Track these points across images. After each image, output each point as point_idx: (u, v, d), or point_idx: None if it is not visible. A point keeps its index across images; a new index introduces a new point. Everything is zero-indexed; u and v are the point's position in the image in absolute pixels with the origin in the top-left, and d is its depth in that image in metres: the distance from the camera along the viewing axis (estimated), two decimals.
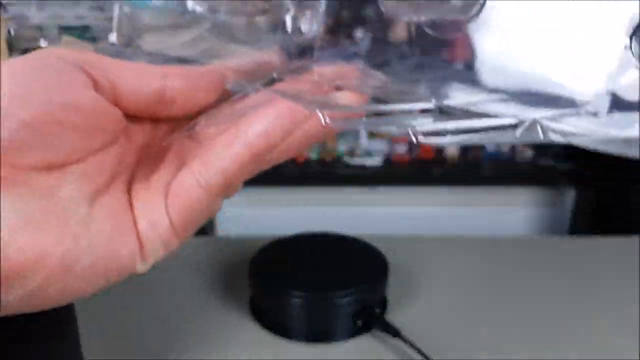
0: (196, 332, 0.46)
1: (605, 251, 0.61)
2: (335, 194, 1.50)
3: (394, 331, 0.44)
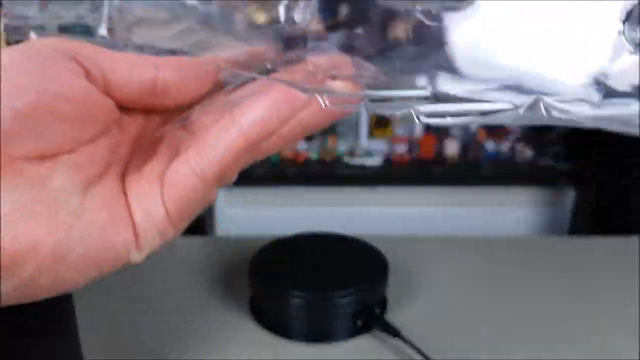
0: (196, 332, 0.46)
1: (605, 251, 0.61)
2: (335, 194, 1.50)
3: (393, 331, 0.44)
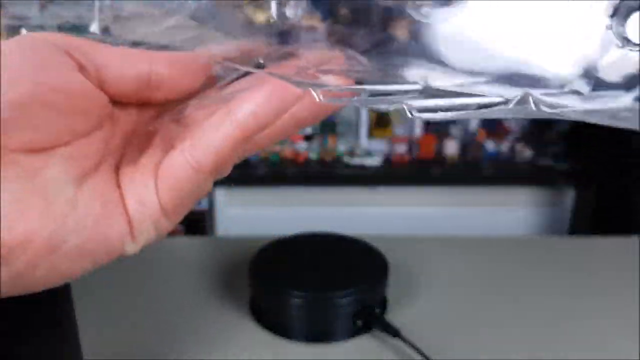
0: (196, 332, 0.46)
1: (605, 251, 0.61)
2: (335, 194, 1.51)
3: (393, 331, 0.44)
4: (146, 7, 0.21)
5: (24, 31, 0.22)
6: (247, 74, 0.20)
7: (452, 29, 0.16)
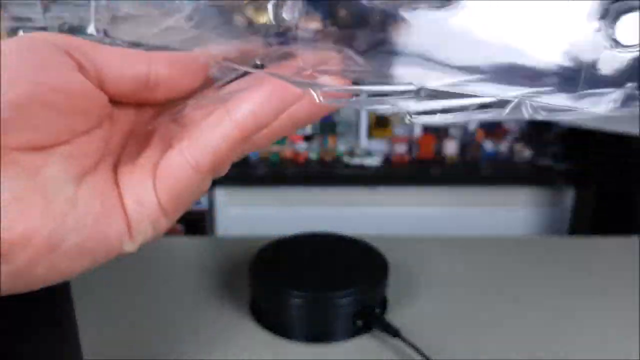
0: (196, 332, 0.46)
1: (604, 251, 0.61)
2: (335, 194, 1.51)
3: (393, 331, 0.44)
4: (143, 8, 0.21)
5: (21, 32, 0.22)
6: (244, 74, 0.20)
7: (447, 29, 0.16)
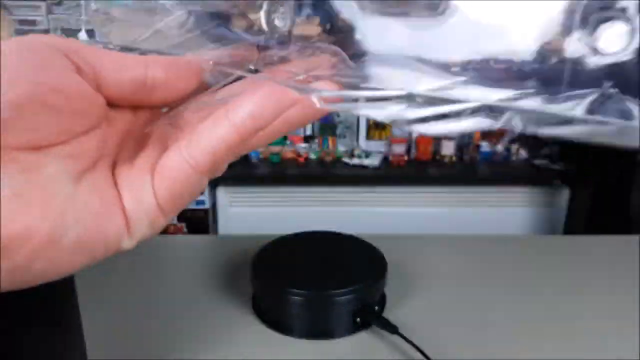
0: (199, 330, 0.47)
1: (600, 250, 0.61)
2: (334, 194, 1.51)
3: (392, 328, 0.45)
4: (135, 12, 0.21)
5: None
6: (239, 78, 0.20)
7: (438, 31, 0.17)
